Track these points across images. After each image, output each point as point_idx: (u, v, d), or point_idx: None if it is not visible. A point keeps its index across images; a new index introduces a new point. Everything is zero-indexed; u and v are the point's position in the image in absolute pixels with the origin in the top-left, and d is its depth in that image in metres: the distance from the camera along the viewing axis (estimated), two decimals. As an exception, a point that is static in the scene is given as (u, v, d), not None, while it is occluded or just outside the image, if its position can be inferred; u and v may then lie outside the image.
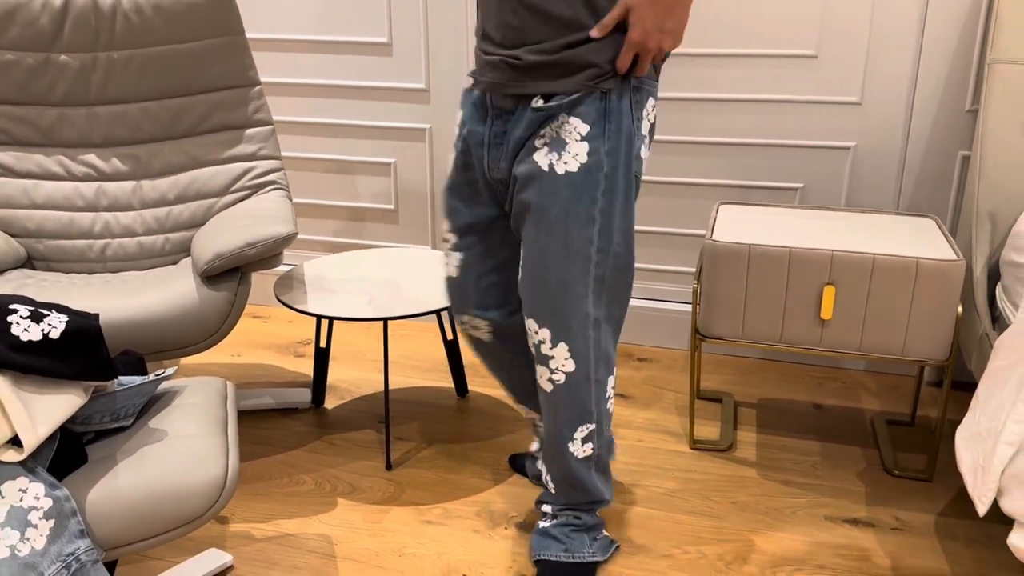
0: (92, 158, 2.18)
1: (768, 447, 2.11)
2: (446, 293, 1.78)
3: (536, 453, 1.89)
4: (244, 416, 2.28)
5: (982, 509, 1.46)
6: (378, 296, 2.03)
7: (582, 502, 1.67)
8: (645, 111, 1.45)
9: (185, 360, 2.59)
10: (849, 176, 2.38)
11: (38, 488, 1.14)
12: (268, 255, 1.90)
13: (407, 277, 2.15)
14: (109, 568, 1.37)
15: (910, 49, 2.25)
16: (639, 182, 1.49)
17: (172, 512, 1.23)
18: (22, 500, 1.12)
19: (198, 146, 2.20)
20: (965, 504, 1.89)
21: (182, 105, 2.19)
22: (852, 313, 1.87)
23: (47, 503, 1.14)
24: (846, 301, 1.87)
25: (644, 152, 1.48)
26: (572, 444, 1.59)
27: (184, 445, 1.29)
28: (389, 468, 2.03)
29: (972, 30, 2.19)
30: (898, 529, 1.81)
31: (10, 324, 1.16)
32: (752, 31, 2.34)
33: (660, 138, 2.50)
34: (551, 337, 1.50)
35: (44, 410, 1.16)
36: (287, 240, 1.91)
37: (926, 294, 1.82)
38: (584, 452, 1.60)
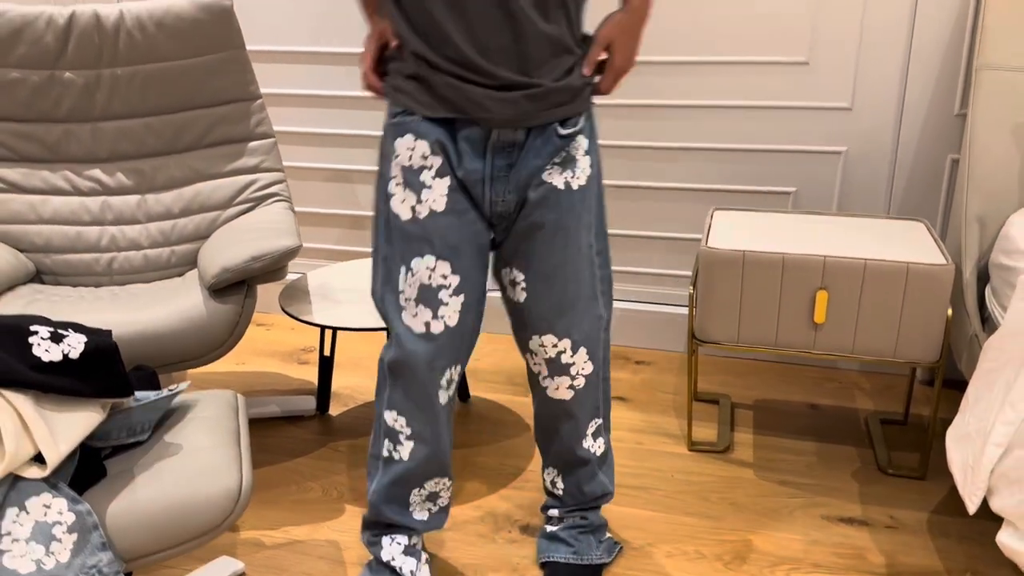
0: (97, 173, 2.22)
1: (765, 448, 2.16)
2: (424, 355, 1.49)
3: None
4: (250, 424, 2.32)
5: (972, 508, 1.50)
6: (381, 305, 2.07)
7: (591, 499, 1.72)
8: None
9: (191, 370, 2.63)
10: (840, 180, 2.43)
11: (61, 503, 1.18)
12: (273, 268, 1.94)
13: (409, 286, 2.19)
14: (127, 578, 1.41)
15: (899, 55, 2.29)
16: None
17: (190, 523, 1.27)
18: (46, 515, 1.17)
19: (201, 160, 2.24)
20: (957, 502, 1.94)
21: (185, 120, 2.22)
22: (845, 317, 1.92)
23: (70, 517, 1.18)
24: (839, 305, 1.91)
25: None
26: (587, 441, 1.66)
27: (199, 458, 1.33)
28: (394, 474, 2.07)
29: (959, 36, 2.24)
30: (892, 527, 1.86)
31: (31, 345, 1.20)
32: (744, 39, 2.38)
33: (656, 144, 2.54)
34: (571, 345, 1.56)
35: (65, 428, 1.21)
36: (292, 253, 1.95)
37: (916, 298, 1.87)
38: (598, 448, 1.68)
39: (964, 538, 1.82)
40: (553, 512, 1.76)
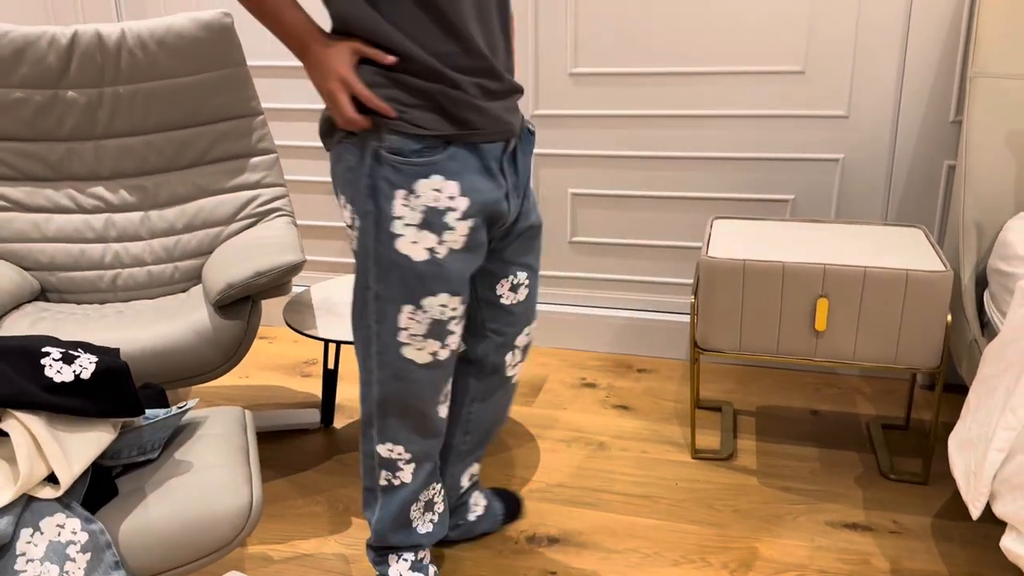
0: (101, 190, 2.24)
1: (768, 454, 2.17)
2: (429, 382, 1.50)
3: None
4: (256, 439, 2.33)
5: (975, 513, 1.52)
6: (385, 319, 2.09)
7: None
8: None
9: (196, 385, 2.64)
10: (838, 187, 2.45)
11: (74, 523, 1.19)
12: (278, 283, 1.96)
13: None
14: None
15: (894, 63, 2.32)
16: None
17: (201, 541, 1.28)
18: (60, 535, 1.18)
19: (204, 176, 2.26)
20: (960, 506, 1.95)
21: (187, 136, 2.24)
22: (845, 324, 1.93)
23: (83, 537, 1.19)
24: (839, 313, 1.93)
25: None
26: None
27: (210, 475, 1.34)
28: (400, 486, 2.08)
29: (953, 44, 2.26)
30: (896, 532, 1.87)
31: (44, 367, 1.21)
32: (741, 49, 2.40)
33: (656, 154, 2.56)
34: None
35: (77, 448, 1.22)
36: (295, 268, 1.96)
37: (916, 304, 1.88)
38: None
39: (967, 542, 1.83)
40: (476, 498, 1.87)
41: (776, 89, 2.42)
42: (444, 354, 1.49)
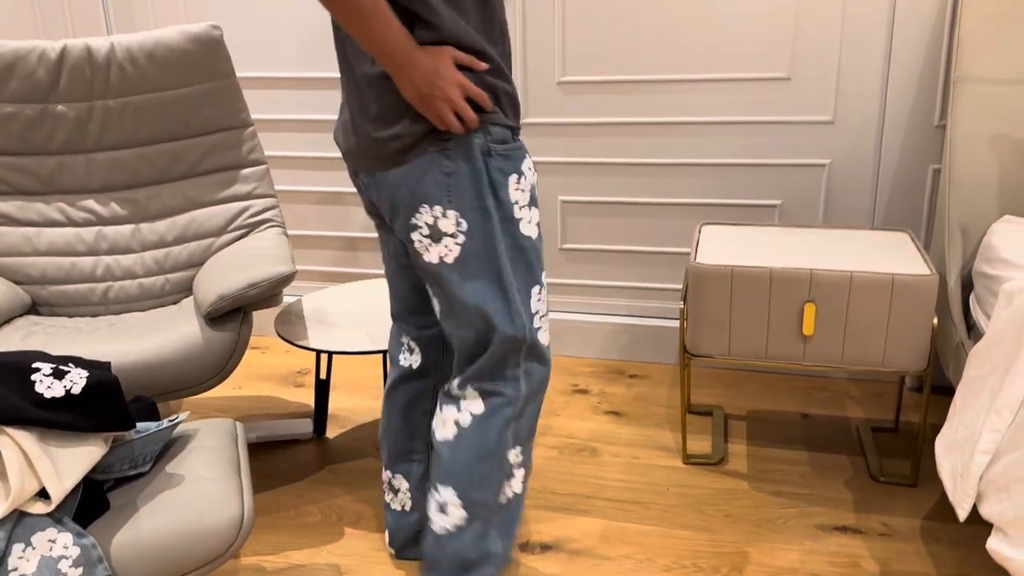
0: (91, 204, 2.24)
1: (758, 459, 2.19)
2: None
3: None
4: (248, 449, 2.34)
5: (962, 515, 1.53)
6: (376, 328, 2.10)
7: None
8: None
9: (188, 397, 2.64)
10: (825, 192, 2.47)
11: (66, 538, 1.20)
12: (269, 294, 1.96)
13: (403, 308, 2.21)
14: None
15: (879, 69, 2.34)
16: None
17: (193, 554, 1.29)
18: (51, 550, 1.18)
19: (195, 188, 2.27)
20: (948, 508, 1.96)
21: (178, 149, 2.25)
22: (833, 328, 1.95)
23: (75, 551, 1.19)
24: (826, 317, 1.95)
25: None
26: None
27: (201, 488, 1.35)
28: (393, 495, 2.09)
29: (937, 49, 2.28)
30: (885, 535, 1.88)
31: (34, 382, 1.22)
32: (727, 56, 2.42)
33: (643, 161, 2.58)
34: None
35: (68, 463, 1.22)
36: (287, 279, 1.97)
37: (902, 308, 1.90)
38: None
39: (956, 544, 1.85)
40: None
41: (762, 95, 2.44)
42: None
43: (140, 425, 1.43)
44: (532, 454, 1.56)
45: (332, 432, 2.40)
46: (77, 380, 1.25)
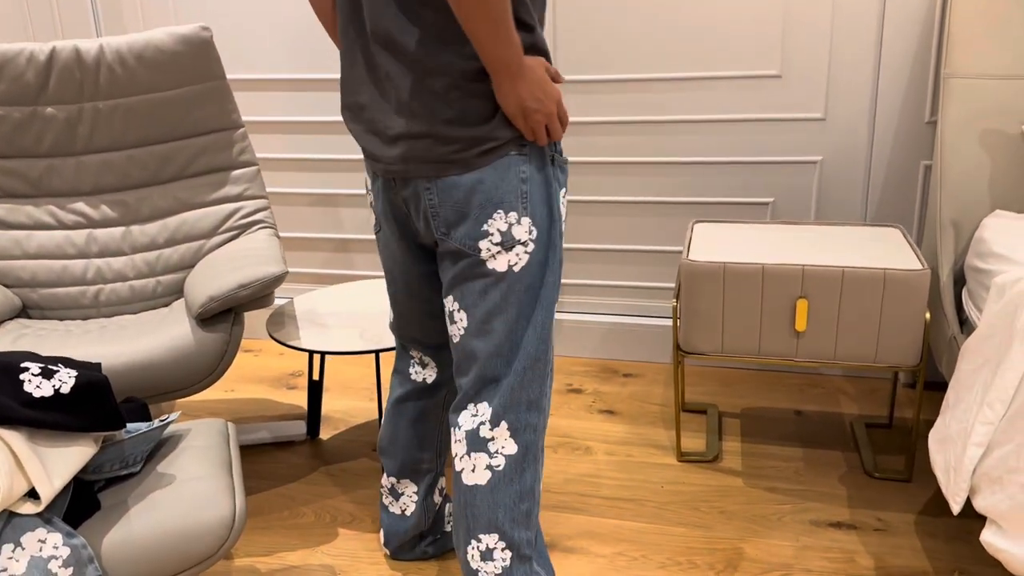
0: (82, 206, 2.23)
1: (753, 455, 2.18)
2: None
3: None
4: (242, 451, 2.33)
5: (956, 508, 1.53)
6: (368, 328, 2.09)
7: None
8: None
9: (180, 399, 2.63)
10: (817, 189, 2.47)
11: (56, 538, 1.19)
12: (260, 295, 1.96)
13: (396, 308, 2.21)
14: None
15: (869, 66, 2.34)
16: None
17: (185, 553, 1.28)
18: (41, 550, 1.17)
19: (186, 190, 2.26)
20: (943, 502, 1.96)
21: (168, 151, 2.24)
22: (825, 324, 1.95)
23: (65, 552, 1.19)
24: (819, 313, 1.95)
25: None
26: None
27: (192, 487, 1.34)
28: (387, 495, 2.08)
29: (927, 46, 2.29)
30: (880, 530, 1.88)
31: (23, 382, 1.21)
32: (718, 54, 2.43)
33: (636, 159, 2.58)
34: None
35: (58, 463, 1.22)
36: (278, 280, 1.96)
37: (894, 303, 1.90)
38: None
39: (951, 538, 1.85)
40: (449, 508, 1.88)
41: (754, 93, 2.44)
42: None
43: (131, 425, 1.42)
44: None
45: (325, 434, 2.39)
46: (66, 380, 1.24)
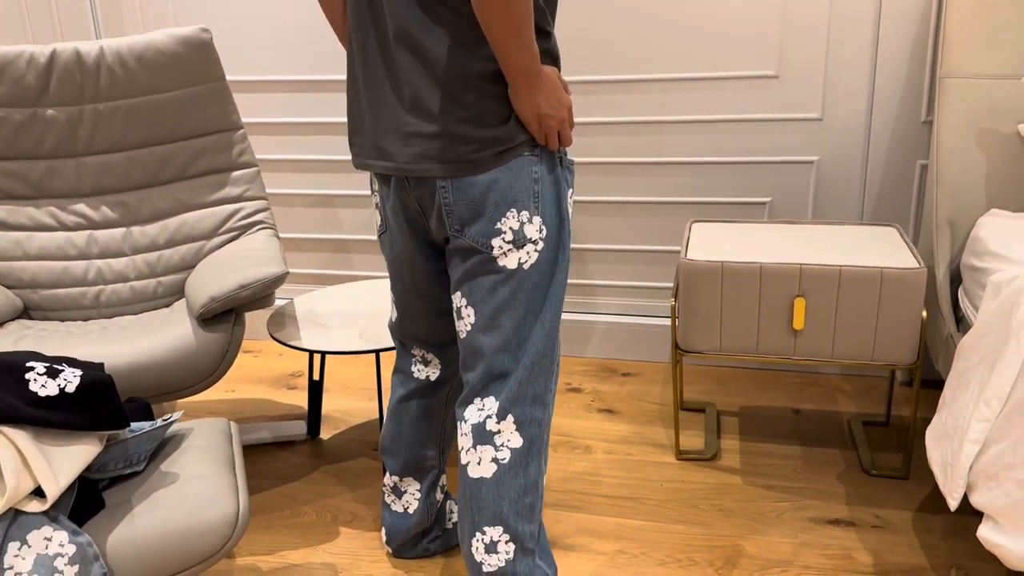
0: (82, 207, 2.24)
1: (751, 454, 2.20)
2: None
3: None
4: (243, 451, 2.33)
5: (953, 505, 1.55)
6: (369, 328, 2.10)
7: None
8: None
9: (181, 400, 2.64)
10: (814, 189, 2.48)
11: (62, 535, 1.20)
12: (261, 295, 1.97)
13: (395, 308, 2.22)
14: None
15: (866, 66, 2.36)
16: None
17: (188, 551, 1.29)
18: (47, 548, 1.18)
19: (186, 191, 2.27)
20: (940, 499, 1.98)
21: (168, 152, 2.25)
22: (823, 323, 1.96)
23: (71, 549, 1.20)
24: (816, 311, 1.96)
25: None
26: None
27: (196, 486, 1.35)
28: (387, 494, 2.09)
29: (923, 46, 2.31)
30: (878, 527, 1.89)
31: (28, 381, 1.22)
32: (715, 55, 2.44)
33: (634, 160, 2.59)
34: None
35: (64, 461, 1.23)
36: (279, 280, 1.97)
37: (891, 301, 1.92)
38: None
39: (948, 534, 1.86)
40: (450, 505, 1.90)
41: (751, 93, 2.45)
42: None
43: (134, 424, 1.43)
44: None
45: (326, 433, 2.40)
46: (71, 379, 1.25)
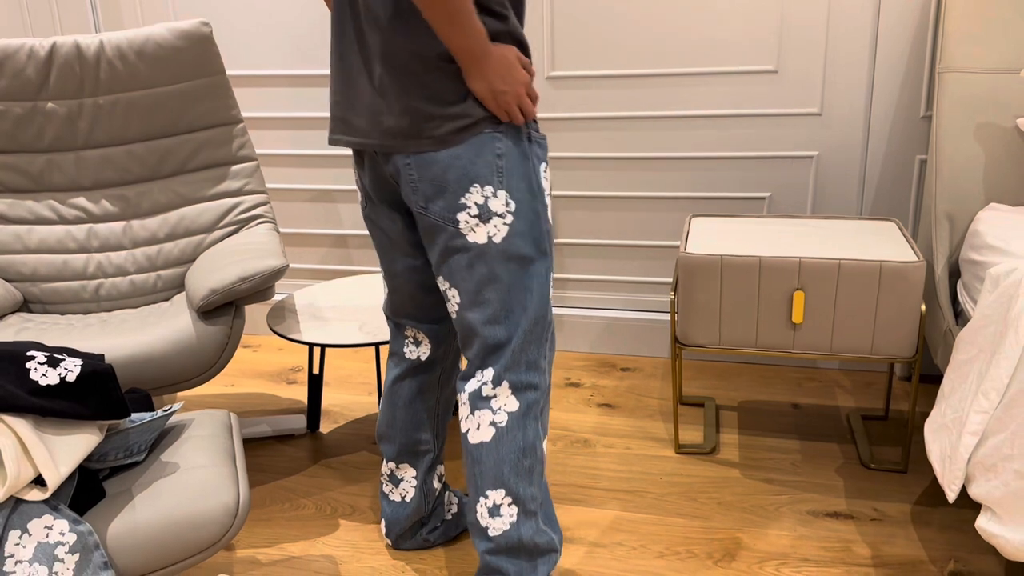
0: (82, 201, 2.24)
1: (750, 447, 2.20)
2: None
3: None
4: (243, 444, 2.34)
5: (951, 496, 1.55)
6: (368, 321, 2.10)
7: None
8: None
9: (181, 393, 2.64)
10: (813, 184, 2.49)
11: (62, 524, 1.20)
12: (261, 288, 1.97)
13: (395, 302, 2.22)
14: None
15: (865, 61, 2.36)
16: None
17: (189, 541, 1.29)
18: (48, 536, 1.19)
19: (186, 184, 2.27)
20: (938, 492, 1.98)
21: (168, 146, 2.25)
22: (822, 316, 1.97)
23: (72, 538, 1.20)
24: (815, 305, 1.96)
25: None
26: None
27: (196, 476, 1.35)
28: (387, 488, 2.09)
29: (922, 41, 2.31)
30: (876, 520, 1.90)
31: (29, 370, 1.22)
32: (716, 50, 2.44)
33: (633, 155, 2.60)
34: None
35: (64, 450, 1.23)
36: (279, 273, 1.98)
37: (890, 295, 1.92)
38: None
39: (946, 527, 1.86)
40: (448, 496, 1.91)
41: (750, 88, 2.45)
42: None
43: (135, 415, 1.43)
44: None
45: (325, 427, 2.40)
46: (72, 368, 1.25)
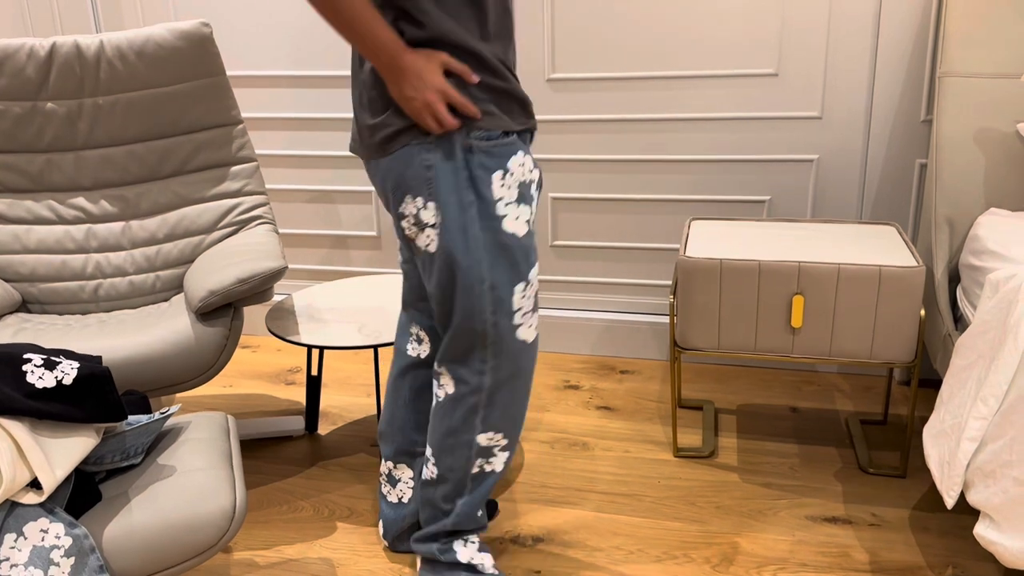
0: (81, 201, 2.24)
1: (749, 451, 2.20)
2: (533, 359, 1.62)
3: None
4: (240, 446, 2.34)
5: (950, 502, 1.55)
6: (367, 323, 2.10)
7: None
8: None
9: (180, 394, 2.64)
10: (813, 187, 2.48)
11: (58, 527, 1.20)
12: (260, 290, 1.97)
13: (394, 302, 2.22)
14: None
15: (866, 65, 2.36)
16: None
17: (185, 544, 1.29)
18: (44, 540, 1.18)
19: (185, 185, 2.27)
20: (937, 498, 1.98)
21: (168, 146, 2.25)
22: (821, 320, 1.96)
23: (67, 541, 1.20)
24: (815, 309, 1.96)
25: None
26: None
27: (193, 479, 1.35)
28: (385, 490, 2.09)
29: (923, 45, 2.31)
30: (875, 525, 1.90)
31: (25, 373, 1.22)
32: (715, 53, 2.44)
33: (634, 157, 2.59)
34: None
35: (60, 453, 1.23)
36: (278, 274, 1.97)
37: (890, 300, 1.92)
38: None
39: (944, 532, 1.86)
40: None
41: (751, 92, 2.45)
42: (538, 326, 1.63)
43: (132, 417, 1.43)
44: (519, 436, 1.64)
45: (324, 429, 2.40)
46: (68, 371, 1.25)
